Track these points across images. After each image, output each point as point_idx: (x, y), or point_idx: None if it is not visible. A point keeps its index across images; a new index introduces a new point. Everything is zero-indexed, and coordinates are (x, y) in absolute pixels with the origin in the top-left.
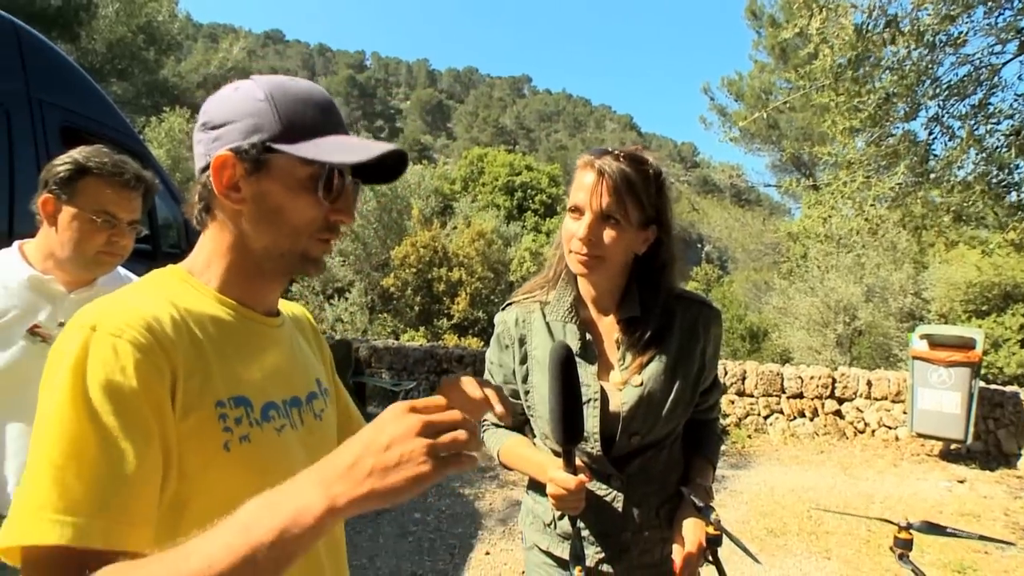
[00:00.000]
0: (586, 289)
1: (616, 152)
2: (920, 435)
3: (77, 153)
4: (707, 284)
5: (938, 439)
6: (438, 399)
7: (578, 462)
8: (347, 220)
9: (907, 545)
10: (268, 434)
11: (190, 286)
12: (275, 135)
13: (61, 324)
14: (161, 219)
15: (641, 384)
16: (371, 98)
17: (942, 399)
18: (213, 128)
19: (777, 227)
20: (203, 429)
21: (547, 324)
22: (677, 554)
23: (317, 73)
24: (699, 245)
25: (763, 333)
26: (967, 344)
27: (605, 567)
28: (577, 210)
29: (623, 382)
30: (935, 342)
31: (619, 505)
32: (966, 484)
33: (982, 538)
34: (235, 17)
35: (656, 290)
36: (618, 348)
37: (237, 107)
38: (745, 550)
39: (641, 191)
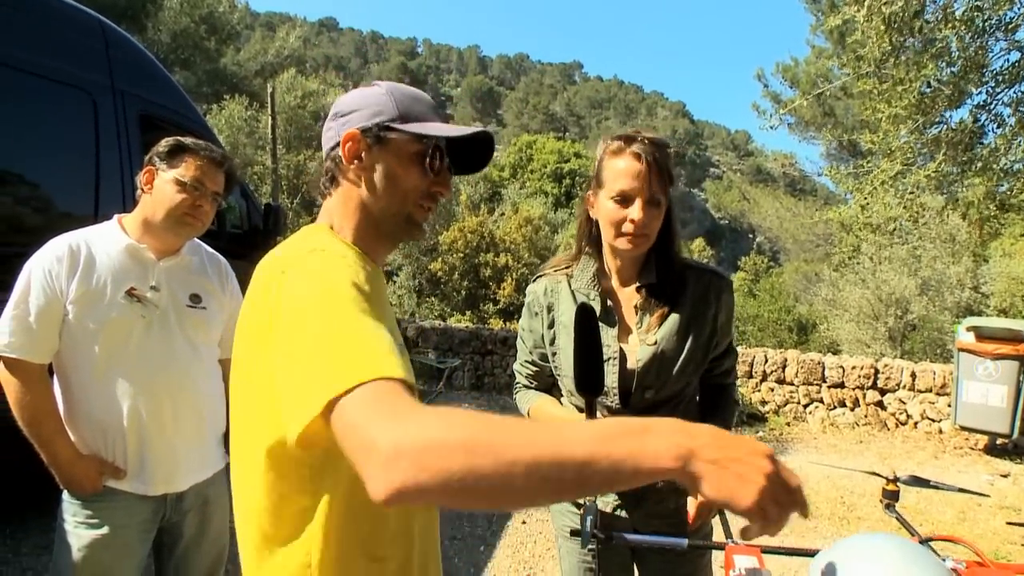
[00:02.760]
0: (611, 262)
1: (643, 137)
2: (964, 428)
3: (178, 137)
4: (755, 274)
5: (983, 433)
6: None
7: (599, 415)
8: (445, 192)
9: (894, 496)
10: None
11: (339, 239)
12: (392, 118)
13: (153, 287)
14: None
15: (655, 343)
16: (422, 85)
17: (988, 392)
18: (343, 116)
19: (823, 216)
20: None
21: (572, 292)
22: (691, 506)
23: (369, 60)
24: (750, 235)
25: (812, 325)
26: (1016, 337)
27: (621, 512)
28: (625, 198)
29: (639, 342)
30: (982, 334)
31: None
32: (1010, 478)
33: (961, 490)
34: (291, 6)
35: (669, 259)
36: (636, 313)
37: (363, 99)
38: (725, 525)
39: (670, 173)
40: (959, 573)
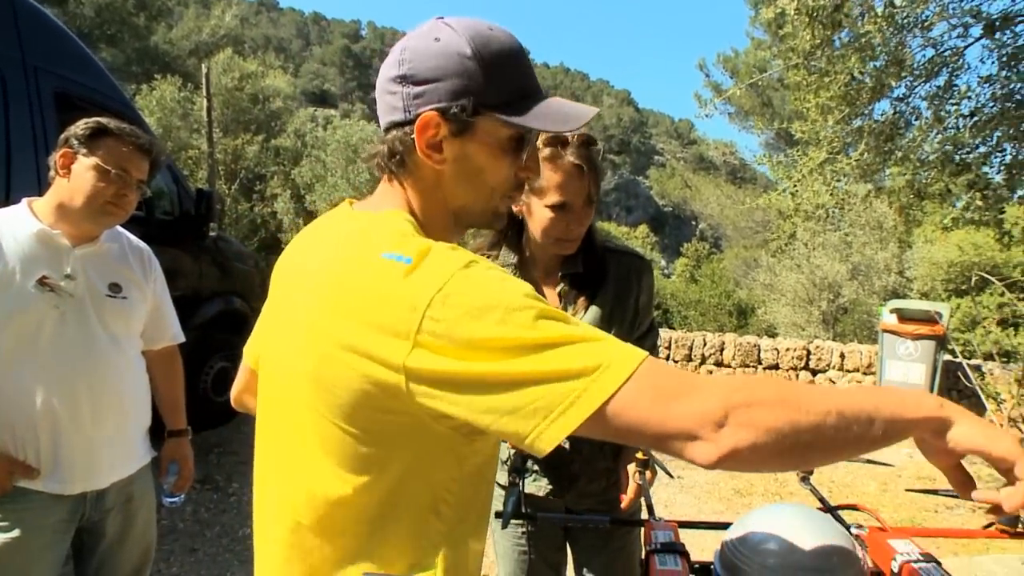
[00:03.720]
0: (535, 254)
1: (576, 139)
2: None
3: (99, 118)
4: (697, 260)
5: None
6: None
7: None
8: (535, 176)
9: (808, 470)
10: None
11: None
12: (483, 99)
13: (68, 276)
14: (154, 188)
15: None
16: (367, 69)
17: (908, 370)
18: (416, 83)
19: (758, 202)
20: None
21: None
22: (625, 488)
23: (312, 42)
24: (693, 222)
25: (751, 309)
26: (933, 318)
27: (554, 498)
28: (564, 207)
29: None
30: (904, 316)
31: (567, 442)
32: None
33: (869, 461)
34: None
35: (592, 246)
36: (560, 301)
37: (443, 63)
38: (663, 468)
39: (600, 168)
40: (861, 537)
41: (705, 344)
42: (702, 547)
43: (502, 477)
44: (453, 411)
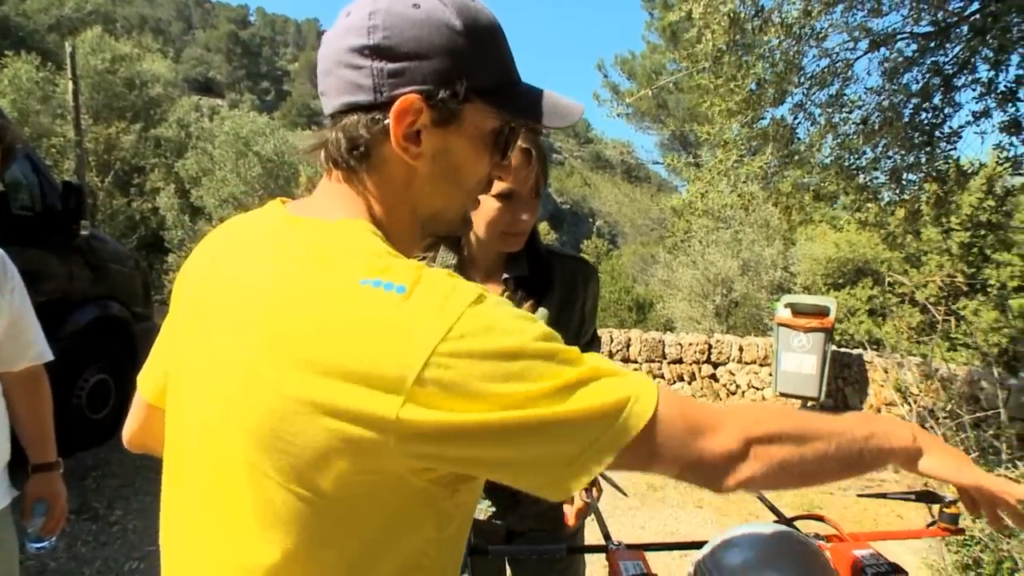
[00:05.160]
0: (477, 254)
1: None
2: (783, 395)
3: None
4: (596, 257)
5: (798, 398)
6: None
7: None
8: (507, 176)
9: None
10: None
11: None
12: (474, 83)
13: None
14: (9, 180)
15: None
16: (256, 57)
17: (802, 361)
18: (393, 58)
19: (662, 203)
20: None
21: None
22: (568, 509)
23: (194, 26)
24: (591, 220)
25: (649, 304)
26: (823, 311)
27: (497, 521)
28: (512, 196)
29: None
30: (797, 310)
31: None
32: None
33: None
34: None
35: (536, 248)
36: None
37: (428, 37)
38: (613, 484)
39: (547, 160)
40: (823, 548)
41: (612, 340)
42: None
43: None
44: (453, 466)
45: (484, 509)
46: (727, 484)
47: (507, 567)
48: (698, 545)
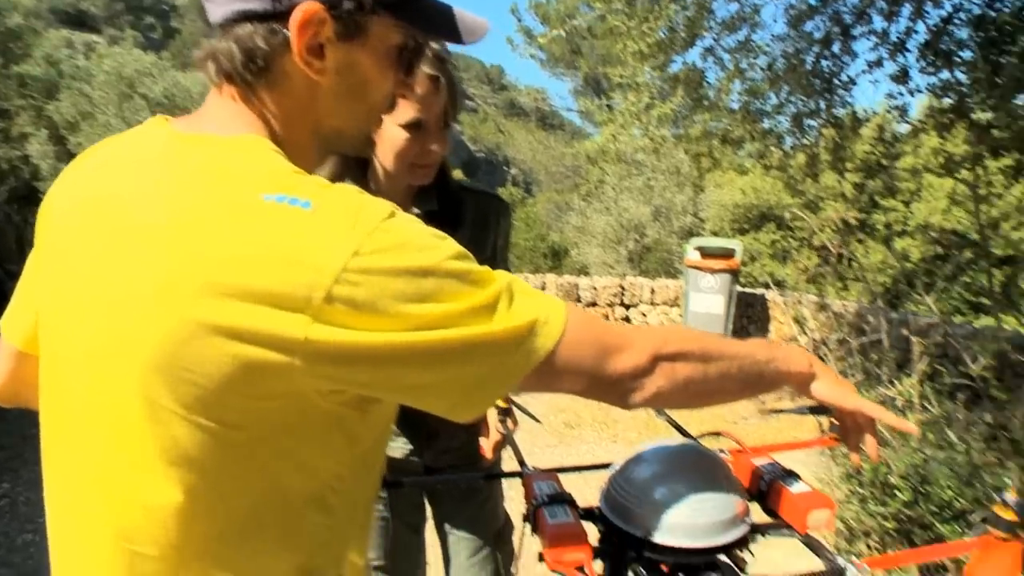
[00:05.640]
0: (383, 188)
1: (433, 52)
2: None
3: None
4: (511, 205)
5: None
6: None
7: None
8: (408, 93)
9: None
10: None
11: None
12: None
13: None
14: None
15: None
16: None
17: (710, 302)
18: None
19: (577, 150)
20: None
21: None
22: (485, 442)
23: None
24: (505, 168)
25: (564, 251)
26: (729, 253)
27: (413, 457)
28: (420, 126)
29: None
30: (705, 252)
31: None
32: None
33: None
34: None
35: (446, 183)
36: None
37: None
38: (526, 412)
39: (458, 89)
40: (727, 462)
41: None
42: (573, 490)
43: None
44: (362, 388)
45: (400, 447)
46: (634, 400)
47: (426, 504)
48: (609, 467)
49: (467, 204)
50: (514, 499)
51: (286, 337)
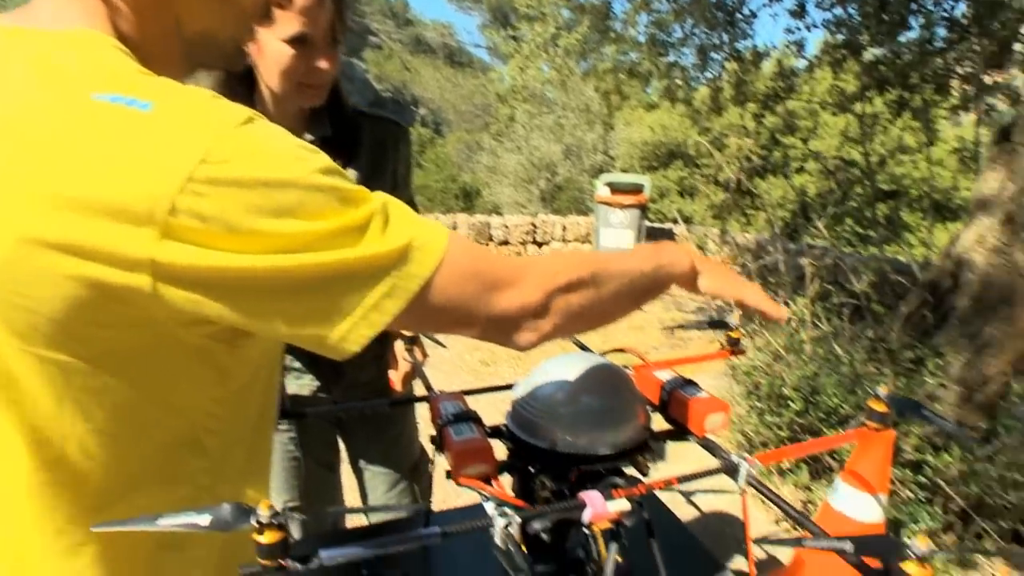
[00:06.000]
0: (272, 110)
1: None
2: None
3: None
4: (421, 146)
5: None
6: None
7: None
8: (288, 4)
9: None
10: None
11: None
12: None
13: None
14: None
15: None
16: None
17: (620, 237)
18: None
19: (486, 87)
20: None
21: None
22: (394, 374)
23: None
24: (414, 107)
25: (475, 192)
26: (638, 189)
27: (322, 395)
28: (305, 41)
29: None
30: (615, 188)
31: None
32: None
33: None
34: None
35: (340, 107)
36: None
37: None
38: (433, 339)
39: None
40: (630, 376)
41: None
42: (483, 415)
43: None
44: (222, 317)
45: (307, 384)
46: (528, 339)
47: (339, 441)
48: (514, 387)
49: (364, 130)
50: (429, 432)
51: (129, 255)
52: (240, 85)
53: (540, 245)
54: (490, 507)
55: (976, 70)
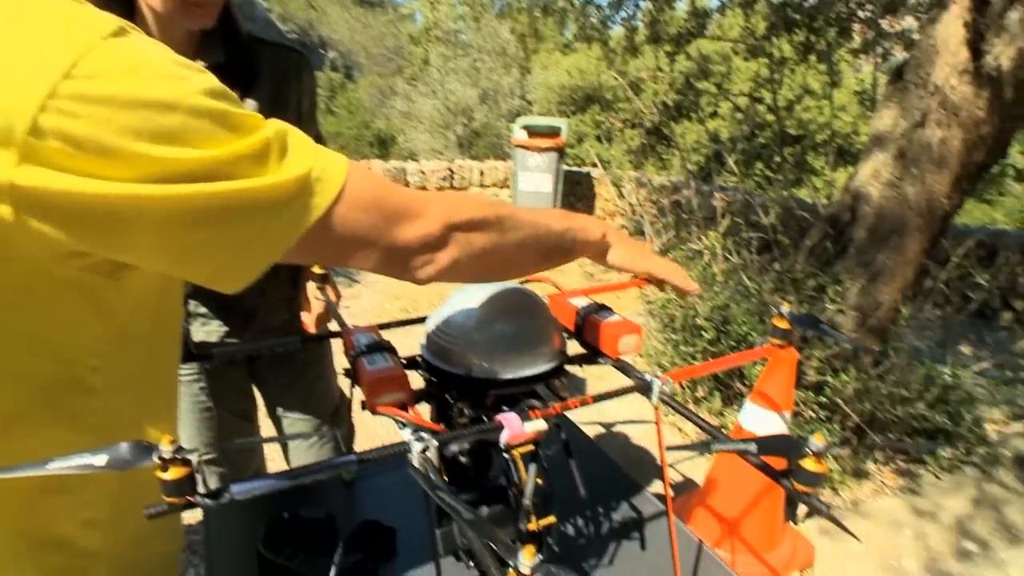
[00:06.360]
0: (161, 34)
1: None
2: None
3: None
4: (331, 91)
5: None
6: None
7: None
8: None
9: None
10: None
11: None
12: None
13: None
14: None
15: None
16: None
17: (538, 180)
18: None
19: (396, 26)
20: None
21: None
22: (307, 316)
23: None
24: (322, 51)
25: (391, 138)
26: (555, 132)
27: (231, 341)
28: None
29: None
30: (532, 131)
31: None
32: None
33: None
34: None
35: (235, 32)
36: None
37: None
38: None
39: None
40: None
41: None
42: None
43: None
44: (96, 249)
45: (215, 330)
46: (427, 272)
47: (254, 390)
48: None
49: (263, 59)
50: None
51: None
52: (117, 5)
53: (457, 190)
54: (407, 433)
55: (875, 15)
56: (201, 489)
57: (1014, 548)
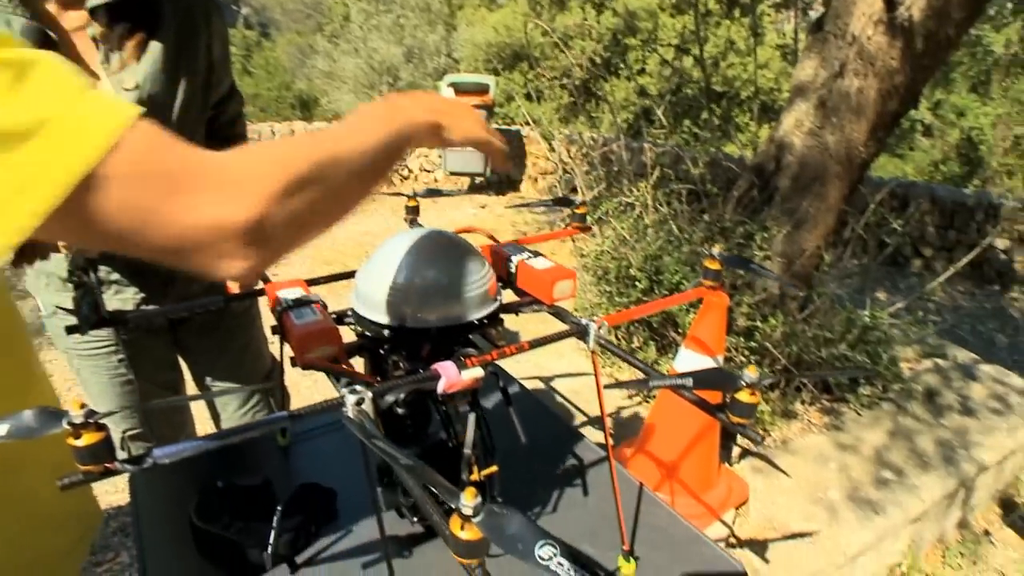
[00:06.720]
0: None
1: None
2: (453, 173)
3: None
4: (247, 50)
5: (466, 175)
6: None
7: None
8: None
9: (415, 211)
10: None
11: None
12: None
13: None
14: None
15: (137, 87)
16: None
17: None
18: None
19: None
20: None
21: None
22: (232, 284)
23: None
24: (234, 7)
25: (313, 100)
26: (483, 89)
27: (150, 306)
28: None
29: (113, 87)
30: (460, 89)
31: None
32: (487, 208)
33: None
34: None
35: None
36: (98, 47)
37: None
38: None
39: None
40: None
41: (274, 133)
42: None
43: (62, 293)
44: None
45: (131, 298)
46: (240, 267)
47: (180, 361)
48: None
49: (164, 1)
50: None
51: None
52: None
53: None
54: (341, 387)
55: None
56: (121, 455)
57: (925, 474)
